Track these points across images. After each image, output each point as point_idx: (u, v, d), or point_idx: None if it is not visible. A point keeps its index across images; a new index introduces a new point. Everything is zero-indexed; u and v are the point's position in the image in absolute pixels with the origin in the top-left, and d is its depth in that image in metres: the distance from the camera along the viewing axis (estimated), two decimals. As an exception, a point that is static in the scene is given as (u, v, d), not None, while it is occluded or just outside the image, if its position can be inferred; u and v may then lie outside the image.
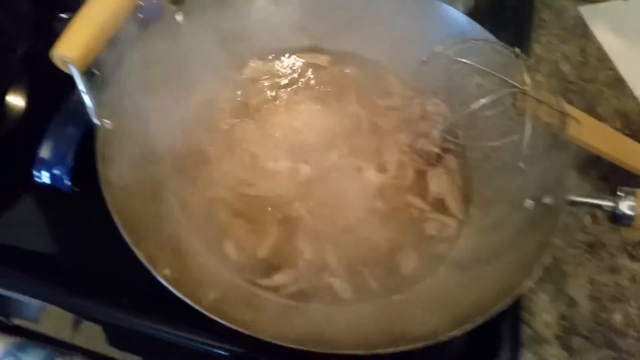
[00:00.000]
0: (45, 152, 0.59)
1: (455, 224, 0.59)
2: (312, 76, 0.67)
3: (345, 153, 0.62)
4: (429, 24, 0.64)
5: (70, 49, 0.49)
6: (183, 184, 0.57)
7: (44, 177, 0.58)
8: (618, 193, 0.50)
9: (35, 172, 0.58)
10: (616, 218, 0.50)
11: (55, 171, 0.59)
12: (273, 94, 0.65)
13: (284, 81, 0.67)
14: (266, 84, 0.66)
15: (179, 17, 0.59)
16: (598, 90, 0.75)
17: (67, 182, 0.58)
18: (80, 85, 0.51)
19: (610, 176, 0.66)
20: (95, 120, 0.52)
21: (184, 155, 0.59)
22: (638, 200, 0.49)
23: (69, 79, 0.50)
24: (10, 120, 0.65)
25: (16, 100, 0.66)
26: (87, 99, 0.51)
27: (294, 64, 0.68)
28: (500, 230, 0.56)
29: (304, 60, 0.68)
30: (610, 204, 0.50)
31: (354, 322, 0.52)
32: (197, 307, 0.43)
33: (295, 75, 0.67)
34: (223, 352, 0.52)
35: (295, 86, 0.66)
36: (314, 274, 0.55)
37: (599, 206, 0.51)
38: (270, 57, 0.68)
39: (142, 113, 0.56)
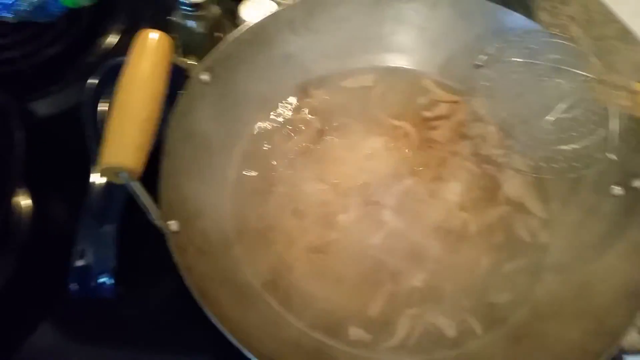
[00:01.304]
0: (82, 259, 0.50)
1: (543, 225, 0.56)
2: (348, 104, 0.61)
3: (412, 181, 0.57)
4: (462, 23, 0.61)
5: (121, 156, 0.41)
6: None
7: (88, 287, 0.50)
8: None
9: (72, 285, 0.50)
10: None
11: (101, 279, 0.50)
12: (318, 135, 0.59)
13: (321, 116, 0.60)
14: (304, 124, 0.60)
15: (204, 77, 0.52)
16: (611, 46, 0.75)
17: (113, 288, 0.50)
18: (140, 195, 0.43)
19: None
20: (162, 226, 0.44)
21: (251, 232, 0.53)
22: None
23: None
24: (22, 229, 0.55)
25: (22, 206, 0.56)
26: (149, 207, 0.43)
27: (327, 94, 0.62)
28: (592, 223, 0.54)
29: (335, 88, 0.62)
30: None
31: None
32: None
33: (331, 107, 0.61)
34: None
35: (333, 120, 0.61)
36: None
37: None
38: (302, 93, 0.61)
39: (197, 199, 0.50)
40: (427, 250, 0.54)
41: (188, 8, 0.59)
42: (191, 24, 0.60)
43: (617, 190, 0.53)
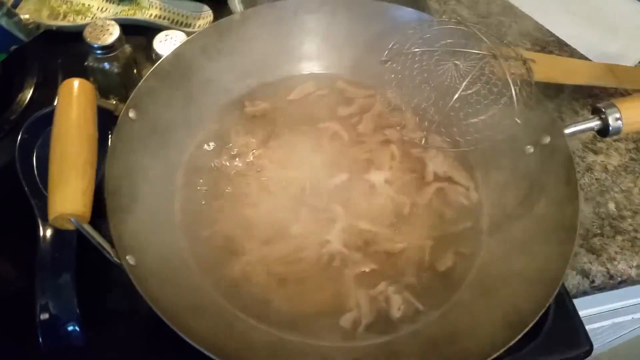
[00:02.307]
0: (46, 312, 0.50)
1: (472, 194, 0.62)
2: (274, 115, 0.65)
3: (347, 174, 0.61)
4: (361, 25, 0.65)
5: (69, 204, 0.42)
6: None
7: (55, 339, 0.50)
8: (603, 109, 0.56)
9: (43, 337, 0.49)
10: (606, 132, 0.57)
11: (68, 327, 0.50)
12: (252, 149, 0.62)
13: (252, 130, 0.63)
14: (236, 140, 0.62)
15: (131, 115, 0.53)
16: (498, 22, 0.82)
17: (80, 335, 0.50)
18: (93, 237, 0.44)
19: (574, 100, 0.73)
20: (120, 262, 0.45)
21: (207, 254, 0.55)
22: (620, 111, 0.56)
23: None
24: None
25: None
26: (104, 247, 0.45)
27: (252, 108, 0.64)
28: (515, 182, 0.60)
29: (254, 104, 0.65)
30: (598, 123, 0.56)
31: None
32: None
33: (259, 120, 0.64)
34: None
35: (263, 129, 0.64)
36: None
37: (591, 128, 0.57)
38: (229, 113, 0.64)
39: (148, 229, 0.51)
40: (376, 236, 0.58)
41: (100, 51, 0.60)
42: (106, 65, 0.62)
43: (530, 149, 0.59)
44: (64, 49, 0.66)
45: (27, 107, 0.63)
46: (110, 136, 0.52)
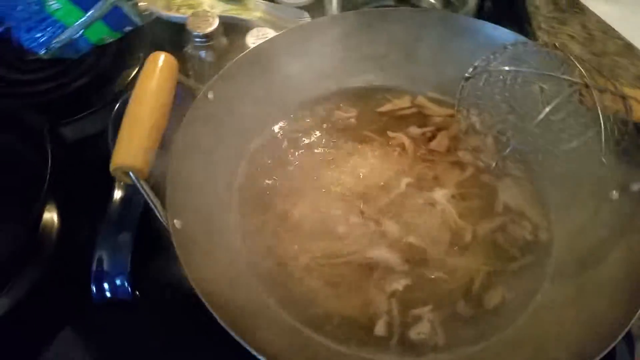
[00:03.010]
0: (101, 264, 0.54)
1: (542, 233, 0.57)
2: (346, 120, 0.65)
3: (410, 190, 0.59)
4: (453, 41, 0.64)
5: (130, 157, 0.46)
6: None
7: (105, 290, 0.54)
8: None
9: (94, 287, 0.54)
10: None
11: (117, 281, 0.54)
12: (317, 149, 0.63)
13: (321, 132, 0.64)
14: (305, 139, 0.63)
15: (210, 95, 0.56)
16: (613, 62, 0.76)
17: (129, 290, 0.54)
18: (146, 193, 0.47)
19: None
20: (167, 225, 0.48)
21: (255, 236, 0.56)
22: None
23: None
24: (49, 241, 0.60)
25: (50, 220, 0.60)
26: (154, 205, 0.47)
27: (325, 111, 0.65)
28: (593, 227, 0.55)
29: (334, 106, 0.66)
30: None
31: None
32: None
33: (331, 123, 0.65)
34: None
35: (333, 133, 0.64)
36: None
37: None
38: (302, 112, 0.65)
39: (201, 202, 0.54)
40: (429, 255, 0.55)
41: (198, 39, 0.65)
42: (202, 54, 0.66)
43: (615, 195, 0.54)
44: (169, 36, 0.71)
45: (129, 83, 0.69)
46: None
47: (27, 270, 0.57)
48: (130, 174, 0.46)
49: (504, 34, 0.62)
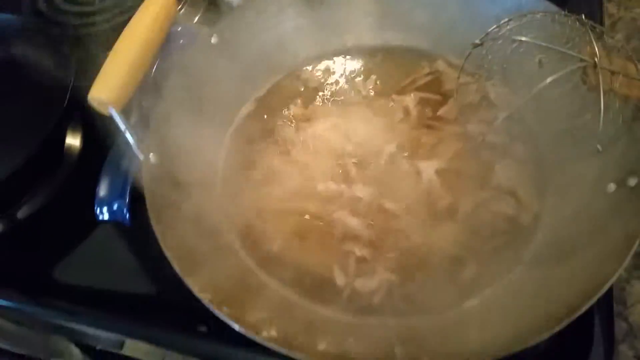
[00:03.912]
0: (103, 189, 0.59)
1: (531, 217, 0.53)
2: (354, 75, 0.64)
3: (401, 152, 0.58)
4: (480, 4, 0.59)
5: (106, 90, 0.49)
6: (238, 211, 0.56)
7: (105, 213, 0.59)
8: None
9: (96, 209, 0.59)
10: None
11: (114, 206, 0.59)
12: (318, 106, 0.62)
13: (327, 86, 0.63)
14: (307, 94, 0.63)
15: (213, 40, 0.58)
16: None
17: (127, 216, 0.59)
18: (120, 124, 0.50)
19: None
20: (140, 156, 0.51)
21: (234, 182, 0.58)
22: None
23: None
24: (70, 161, 0.67)
25: (73, 142, 0.67)
26: (128, 136, 0.51)
27: (335, 66, 0.65)
28: (581, 219, 0.50)
29: (345, 61, 0.65)
30: None
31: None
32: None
33: (339, 77, 0.64)
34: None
35: (339, 88, 0.63)
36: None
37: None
38: (309, 65, 0.65)
39: (186, 142, 0.56)
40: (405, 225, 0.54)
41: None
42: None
43: (612, 188, 0.49)
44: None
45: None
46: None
47: (50, 179, 0.64)
48: (111, 108, 0.49)
49: (532, 2, 0.56)
